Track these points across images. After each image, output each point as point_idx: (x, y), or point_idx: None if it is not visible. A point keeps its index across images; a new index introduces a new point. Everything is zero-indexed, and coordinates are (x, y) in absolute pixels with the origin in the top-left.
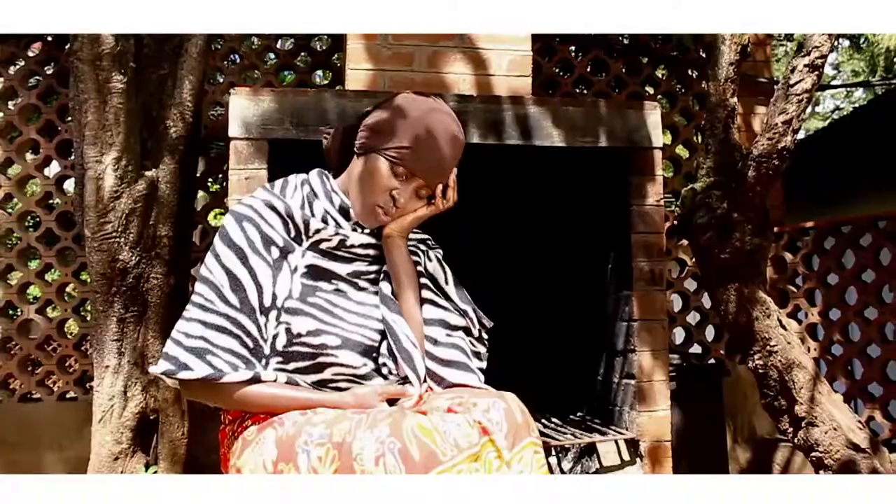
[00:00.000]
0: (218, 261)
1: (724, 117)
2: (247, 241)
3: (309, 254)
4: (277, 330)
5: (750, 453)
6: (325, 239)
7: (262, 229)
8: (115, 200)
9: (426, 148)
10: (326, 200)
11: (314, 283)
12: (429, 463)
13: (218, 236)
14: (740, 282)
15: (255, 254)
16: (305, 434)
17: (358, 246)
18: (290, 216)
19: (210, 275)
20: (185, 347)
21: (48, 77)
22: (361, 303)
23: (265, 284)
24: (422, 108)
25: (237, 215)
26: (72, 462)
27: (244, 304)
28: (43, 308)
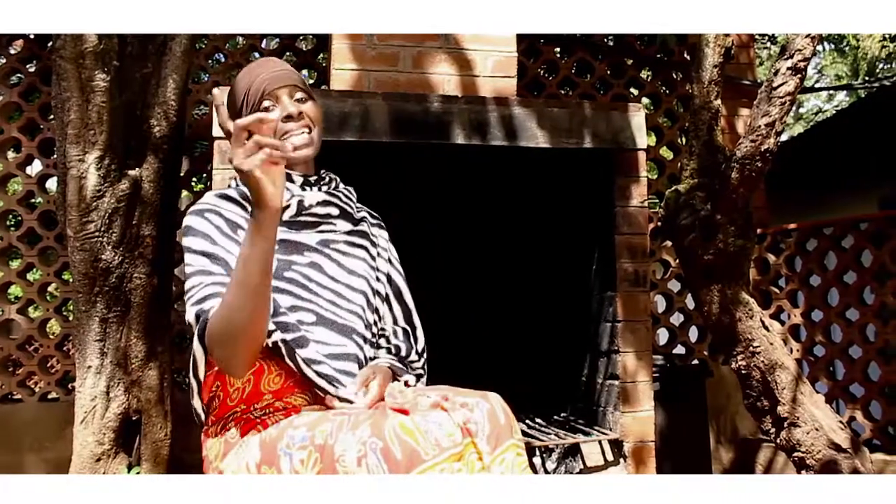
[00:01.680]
0: (191, 251)
1: (708, 119)
2: (213, 227)
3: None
4: None
5: (733, 453)
6: (285, 208)
7: (225, 216)
8: (98, 200)
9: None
10: None
11: (288, 258)
12: (411, 462)
13: (184, 234)
14: (723, 283)
15: (223, 236)
16: (287, 437)
17: (317, 205)
18: (245, 198)
19: (191, 266)
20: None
21: (30, 75)
22: (334, 278)
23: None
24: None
25: (197, 211)
26: (53, 463)
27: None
28: (24, 308)
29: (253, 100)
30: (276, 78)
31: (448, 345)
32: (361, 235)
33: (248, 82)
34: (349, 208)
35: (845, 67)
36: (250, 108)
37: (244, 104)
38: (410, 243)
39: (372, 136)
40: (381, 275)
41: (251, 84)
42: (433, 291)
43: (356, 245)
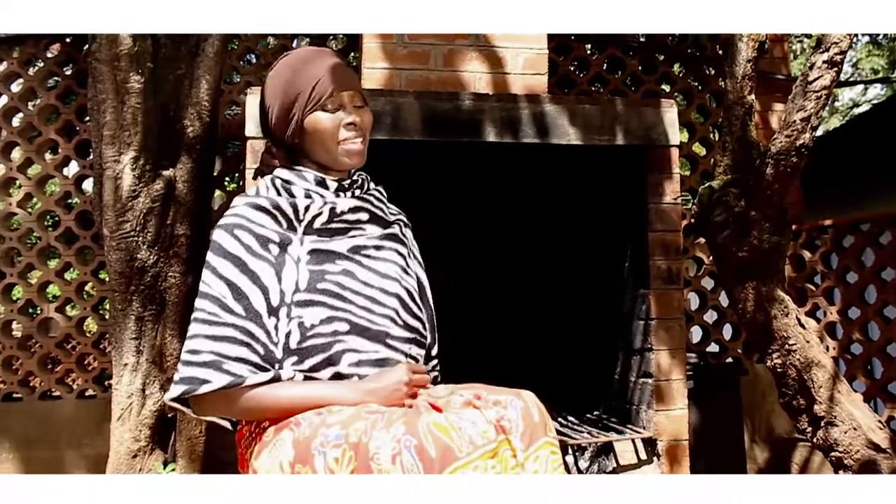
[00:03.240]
0: (215, 273)
1: (742, 115)
2: (243, 247)
3: (307, 239)
4: (290, 327)
5: (768, 453)
6: (316, 215)
7: (256, 231)
8: (133, 200)
9: (316, 72)
10: (301, 180)
11: (320, 268)
12: (445, 459)
13: (211, 251)
14: (758, 280)
15: (254, 257)
16: (321, 436)
17: (348, 211)
18: (276, 208)
19: (209, 289)
20: (198, 364)
21: (67, 78)
22: (367, 283)
23: (270, 285)
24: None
25: (227, 226)
26: (92, 459)
27: (249, 311)
28: (62, 306)
29: (316, 98)
30: (343, 82)
31: (481, 343)
32: (392, 238)
33: (312, 77)
34: (380, 211)
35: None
36: (311, 105)
37: (308, 99)
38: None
39: (403, 135)
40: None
41: (317, 80)
42: (465, 290)
43: (387, 248)
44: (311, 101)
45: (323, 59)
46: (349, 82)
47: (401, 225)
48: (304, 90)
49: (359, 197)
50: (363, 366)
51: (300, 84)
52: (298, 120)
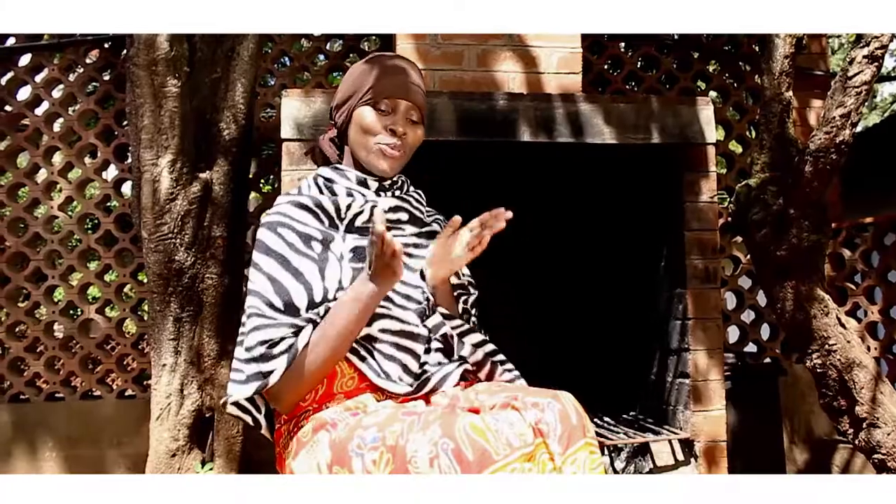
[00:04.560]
0: (259, 270)
1: (780, 111)
2: (286, 244)
3: (349, 237)
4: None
5: (808, 454)
6: (357, 213)
7: (299, 229)
8: (171, 202)
9: (384, 73)
10: (343, 179)
11: (362, 265)
12: (482, 462)
13: (255, 248)
14: (797, 279)
15: (297, 254)
16: (357, 438)
17: (388, 211)
18: (318, 206)
19: (254, 285)
20: (255, 359)
21: (106, 83)
22: (405, 281)
23: (313, 282)
24: (363, 60)
25: (270, 224)
26: (132, 458)
27: (289, 307)
28: (102, 308)
29: (372, 94)
30: (404, 90)
31: (517, 344)
32: (430, 236)
33: (378, 76)
34: (418, 213)
35: None
36: (365, 98)
37: (365, 91)
38: None
39: (438, 136)
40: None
41: (380, 79)
42: (502, 291)
43: (424, 247)
44: (366, 94)
45: (397, 65)
46: (409, 93)
47: (440, 224)
48: (366, 84)
49: (399, 197)
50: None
51: (366, 79)
52: (351, 108)
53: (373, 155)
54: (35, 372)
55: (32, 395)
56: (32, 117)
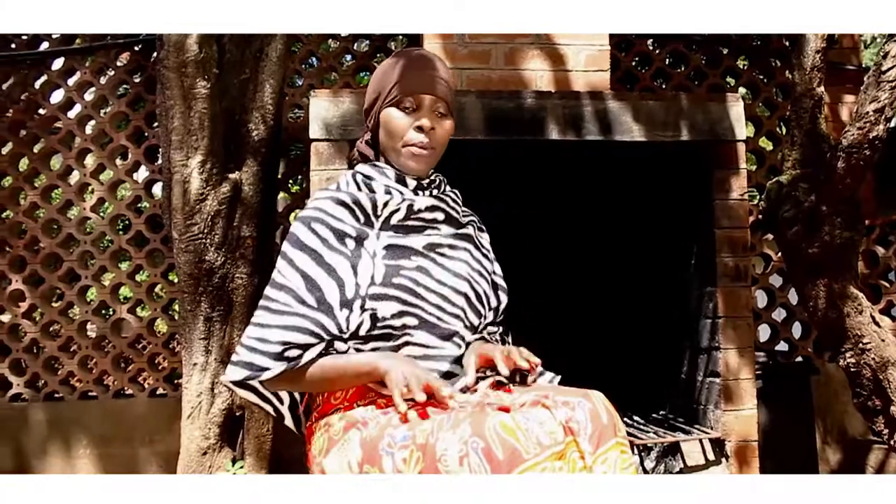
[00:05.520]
0: (291, 264)
1: (811, 107)
2: (320, 240)
3: (384, 234)
4: (362, 318)
5: (841, 455)
6: (394, 211)
7: (333, 225)
8: (201, 202)
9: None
10: (381, 176)
11: (396, 263)
12: (512, 461)
13: (288, 242)
14: (830, 277)
15: (330, 250)
16: (388, 436)
17: (425, 210)
18: (356, 203)
19: (284, 279)
20: (263, 352)
21: (136, 85)
22: (441, 281)
23: (346, 278)
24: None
25: (305, 219)
26: (163, 456)
27: (322, 303)
28: (134, 308)
29: (395, 94)
30: (427, 85)
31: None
32: (465, 238)
33: (400, 74)
34: (455, 212)
35: None
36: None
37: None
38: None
39: (466, 135)
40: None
41: (402, 77)
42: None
43: (460, 248)
44: (389, 95)
45: (419, 61)
46: (433, 87)
47: (474, 226)
48: (388, 84)
49: (436, 196)
50: (426, 360)
51: (389, 78)
52: (377, 112)
53: (403, 157)
54: (69, 371)
55: (66, 394)
56: (65, 120)
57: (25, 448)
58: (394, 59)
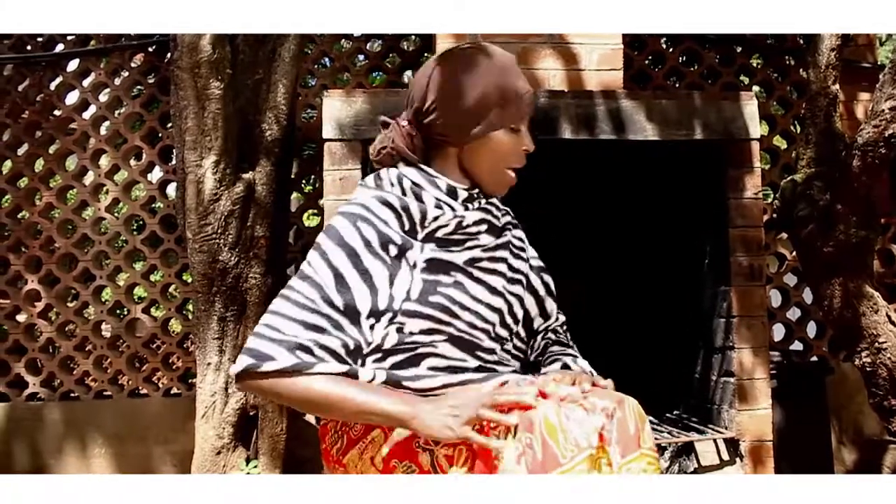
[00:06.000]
0: (325, 259)
1: (826, 105)
2: (362, 241)
3: (427, 247)
4: (388, 330)
5: (856, 455)
6: (442, 226)
7: (379, 228)
8: (215, 203)
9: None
10: (433, 187)
11: (435, 278)
12: (548, 465)
13: (326, 235)
14: (845, 276)
15: (371, 255)
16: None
17: (472, 224)
18: (405, 209)
19: (314, 273)
20: (272, 339)
21: (150, 86)
22: (476, 298)
23: (381, 286)
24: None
25: (350, 215)
26: (178, 455)
27: (349, 307)
28: (148, 307)
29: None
30: (532, 102)
31: None
32: (503, 247)
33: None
34: (496, 220)
35: None
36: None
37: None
38: None
39: None
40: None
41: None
42: None
43: (498, 258)
44: (508, 116)
45: (521, 75)
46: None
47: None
48: (506, 102)
49: (482, 208)
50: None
51: (503, 93)
52: (485, 128)
53: (498, 177)
54: (84, 370)
55: (82, 393)
56: (80, 121)
57: (41, 447)
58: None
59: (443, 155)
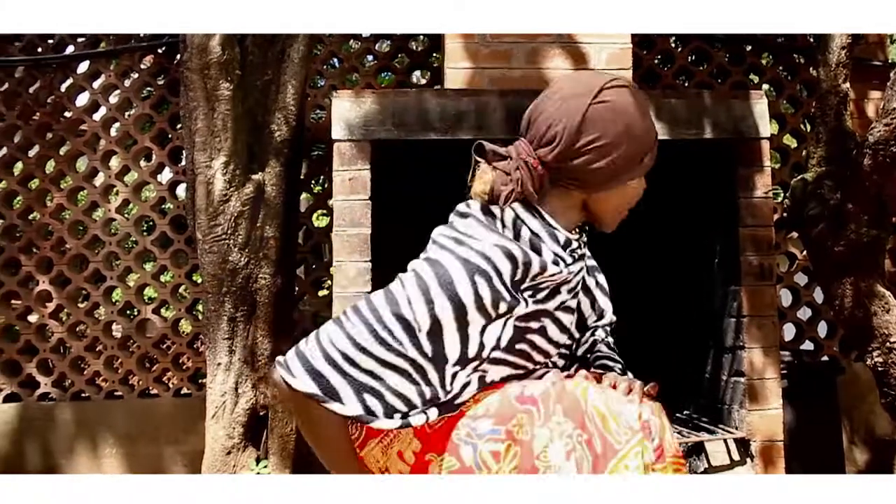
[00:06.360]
0: (428, 305)
1: (836, 104)
2: (474, 299)
3: (529, 299)
4: (470, 378)
5: (868, 455)
6: (552, 281)
7: (495, 286)
8: (225, 204)
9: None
10: (551, 240)
11: (525, 325)
12: (607, 453)
13: (436, 276)
14: (856, 276)
15: (478, 311)
16: (465, 427)
17: (575, 274)
18: (526, 265)
19: (409, 313)
20: (346, 375)
21: (160, 88)
22: (554, 342)
23: (473, 335)
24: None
25: (469, 266)
26: (189, 455)
27: (437, 355)
28: (159, 308)
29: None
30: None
31: None
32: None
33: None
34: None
35: None
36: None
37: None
38: None
39: (488, 134)
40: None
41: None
42: None
43: (576, 293)
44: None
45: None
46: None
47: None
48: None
49: (582, 254)
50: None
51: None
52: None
53: (618, 218)
54: (95, 370)
55: (93, 394)
56: (90, 122)
57: (53, 447)
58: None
59: (565, 196)
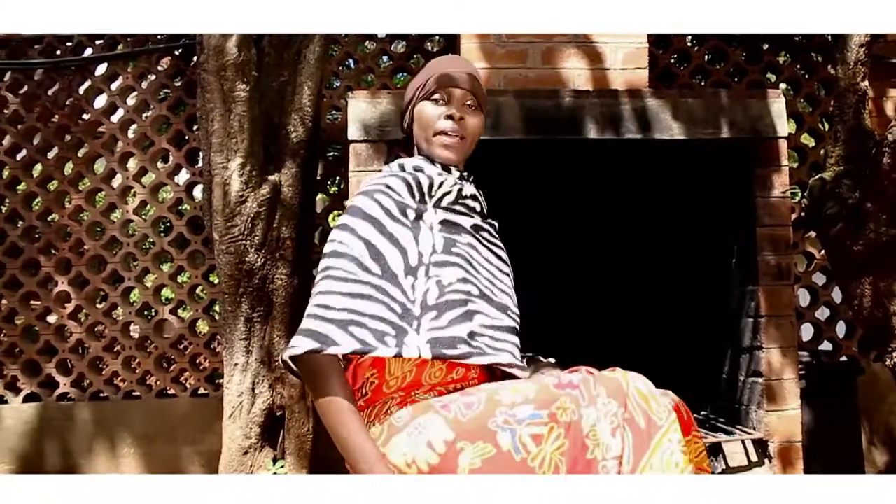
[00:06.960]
0: (353, 233)
1: (855, 102)
2: (383, 210)
3: (439, 210)
4: (428, 285)
5: (888, 456)
6: (446, 193)
7: (395, 197)
8: (241, 204)
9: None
10: (429, 165)
11: (452, 236)
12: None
13: (349, 214)
14: (875, 275)
15: (392, 220)
16: (502, 414)
17: (469, 197)
18: (415, 181)
19: (346, 248)
20: (328, 319)
21: (177, 89)
22: (487, 259)
23: (408, 246)
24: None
25: (366, 192)
26: (205, 455)
27: (385, 270)
28: (176, 309)
29: (429, 88)
30: (455, 76)
31: (586, 342)
32: (493, 236)
33: (433, 71)
34: (484, 208)
35: None
36: (422, 94)
37: (421, 87)
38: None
39: (504, 134)
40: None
41: (435, 74)
42: (569, 287)
43: (492, 234)
44: (423, 89)
45: (452, 61)
46: (462, 81)
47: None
48: (420, 81)
49: (476, 188)
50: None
51: (420, 78)
52: (412, 107)
53: (434, 144)
54: (113, 371)
55: (111, 394)
56: (108, 124)
57: (72, 447)
58: (426, 65)
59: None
